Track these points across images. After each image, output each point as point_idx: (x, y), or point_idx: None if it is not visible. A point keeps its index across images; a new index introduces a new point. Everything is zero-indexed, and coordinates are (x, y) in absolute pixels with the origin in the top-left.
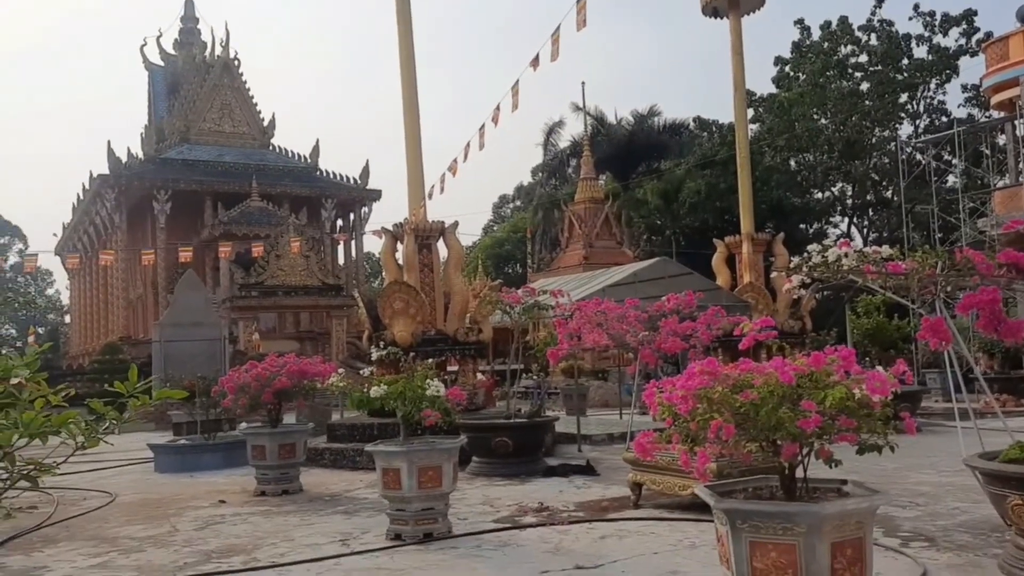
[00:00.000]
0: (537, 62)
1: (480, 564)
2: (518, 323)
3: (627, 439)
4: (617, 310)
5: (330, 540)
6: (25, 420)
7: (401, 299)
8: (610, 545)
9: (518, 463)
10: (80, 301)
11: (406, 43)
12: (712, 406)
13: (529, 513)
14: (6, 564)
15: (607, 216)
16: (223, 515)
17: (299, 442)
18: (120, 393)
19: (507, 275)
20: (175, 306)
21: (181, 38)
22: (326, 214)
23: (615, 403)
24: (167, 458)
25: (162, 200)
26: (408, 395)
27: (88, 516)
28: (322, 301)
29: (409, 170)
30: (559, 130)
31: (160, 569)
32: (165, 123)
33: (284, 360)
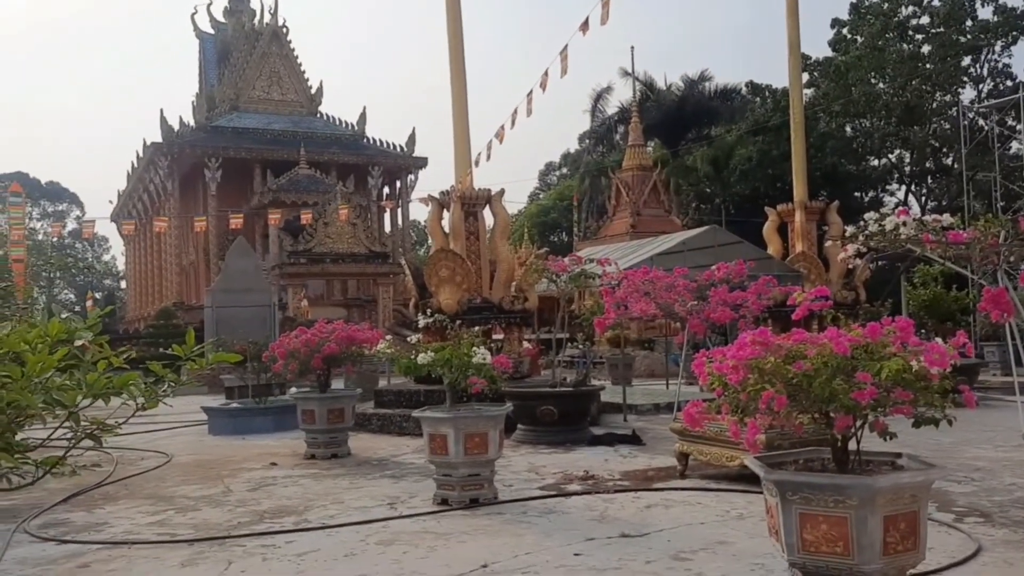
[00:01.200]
0: (587, 26)
1: (526, 530)
2: (564, 292)
3: (674, 409)
4: (665, 279)
5: (378, 503)
6: (89, 381)
7: (447, 267)
8: (656, 514)
9: (563, 431)
10: (135, 267)
11: (454, 9)
12: (764, 377)
13: (574, 481)
14: (70, 519)
15: (655, 183)
16: (274, 477)
17: (347, 407)
18: (175, 356)
19: (552, 243)
20: (226, 272)
21: (231, 5)
22: (373, 182)
23: (661, 373)
24: (220, 421)
25: (213, 168)
26: (455, 362)
27: (146, 475)
28: (369, 268)
29: (456, 137)
30: (607, 96)
31: (215, 527)
32: (215, 91)
33: (333, 326)
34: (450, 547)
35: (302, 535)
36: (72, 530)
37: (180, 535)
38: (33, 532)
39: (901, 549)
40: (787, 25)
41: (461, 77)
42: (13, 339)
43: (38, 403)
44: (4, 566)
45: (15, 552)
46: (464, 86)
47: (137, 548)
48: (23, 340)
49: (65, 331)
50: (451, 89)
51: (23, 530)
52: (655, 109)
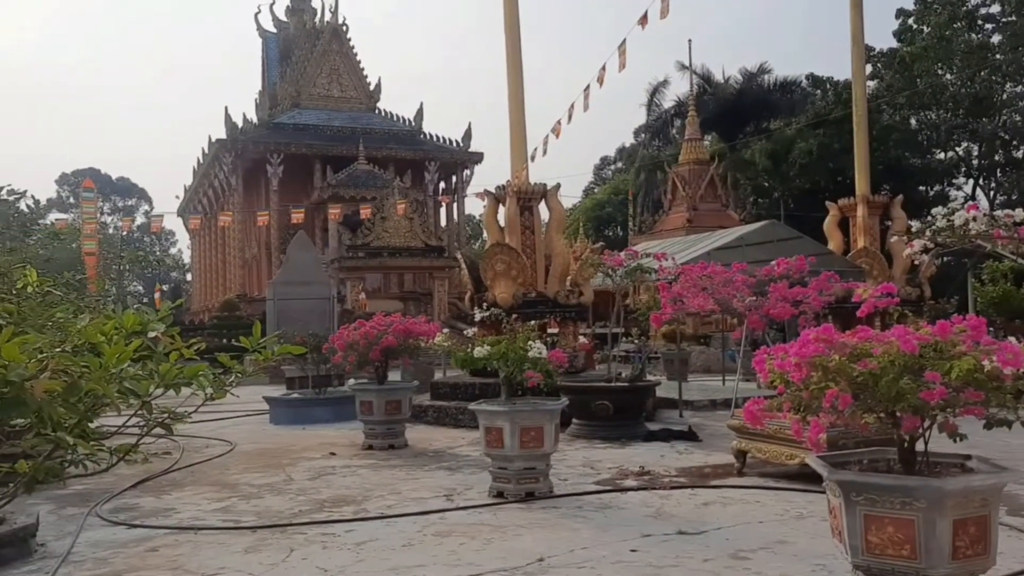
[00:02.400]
0: (646, 20)
1: (582, 524)
2: (620, 286)
3: (731, 406)
4: (724, 274)
5: (435, 495)
6: (162, 372)
7: (503, 261)
8: (713, 512)
9: (618, 427)
10: (200, 260)
11: (511, 5)
12: (828, 375)
13: (630, 476)
14: (139, 504)
15: (712, 178)
16: (334, 467)
17: (404, 399)
18: (240, 347)
19: (607, 237)
20: (287, 265)
21: (293, 4)
22: (429, 177)
23: (717, 369)
24: (281, 410)
25: (275, 163)
26: (511, 356)
27: (211, 463)
28: (425, 262)
29: (512, 132)
30: (663, 90)
31: (277, 515)
32: (278, 89)
33: (391, 319)
34: (506, 540)
35: (361, 524)
36: (141, 515)
37: (244, 522)
38: (105, 516)
39: (971, 554)
40: (851, 16)
41: (518, 72)
42: (91, 330)
43: (114, 392)
44: (78, 548)
45: (88, 535)
46: (521, 81)
47: (203, 534)
48: (100, 332)
49: (139, 323)
50: (508, 84)
51: (95, 514)
52: (712, 102)
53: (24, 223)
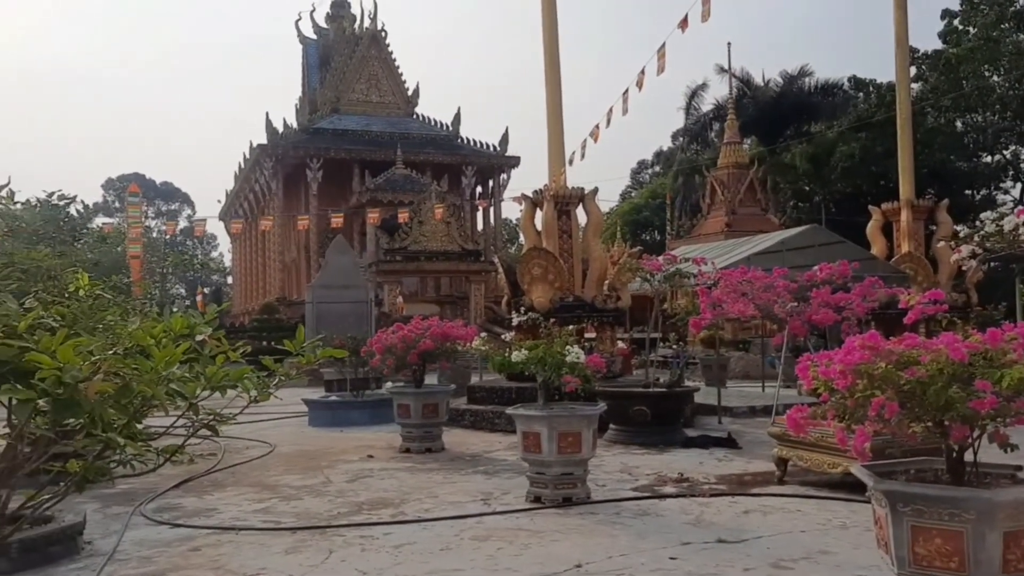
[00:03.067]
0: (686, 23)
1: (620, 531)
2: (658, 291)
3: (772, 413)
4: (764, 279)
5: (472, 499)
6: (209, 374)
7: (540, 265)
8: (754, 520)
9: (656, 432)
10: (241, 263)
11: (549, 8)
12: (873, 383)
13: (668, 483)
14: (182, 504)
15: (751, 182)
16: (371, 469)
17: (442, 402)
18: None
19: (645, 242)
20: (326, 269)
21: (332, 11)
22: (466, 181)
23: (756, 375)
24: (320, 413)
25: (314, 168)
26: (548, 360)
27: (251, 464)
28: (461, 266)
29: (550, 136)
30: (702, 93)
31: (316, 517)
32: (317, 94)
33: (428, 323)
34: (544, 545)
35: (399, 527)
36: (184, 515)
37: (284, 523)
38: (149, 515)
39: (1022, 568)
40: (894, 19)
41: (556, 76)
42: (140, 333)
43: (163, 394)
44: (123, 547)
45: (132, 534)
46: (559, 85)
47: (244, 534)
48: (150, 334)
49: (187, 326)
50: (545, 88)
51: (140, 513)
52: (752, 106)
53: (74, 227)
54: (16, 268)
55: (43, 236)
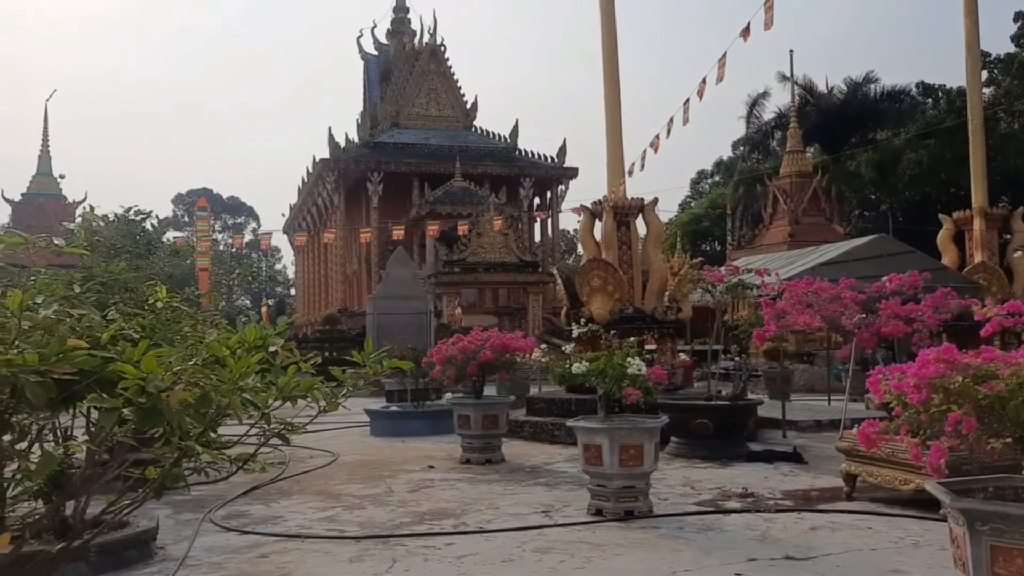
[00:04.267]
0: (748, 32)
1: (683, 546)
2: (720, 302)
3: (840, 427)
4: (831, 290)
5: (533, 510)
6: (281, 384)
7: (599, 276)
8: (822, 537)
9: (719, 446)
10: (304, 275)
11: (608, 20)
12: (949, 397)
13: (732, 498)
14: (249, 512)
15: (815, 190)
16: (432, 480)
17: (501, 413)
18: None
19: (704, 252)
20: (387, 281)
21: (393, 27)
22: (524, 192)
23: (821, 388)
24: (381, 423)
25: (375, 182)
26: (609, 372)
27: (315, 473)
28: (519, 277)
29: (609, 147)
30: (763, 101)
31: (380, 526)
32: (378, 109)
33: (488, 334)
34: (606, 559)
35: (461, 538)
36: (251, 522)
37: (348, 532)
38: (218, 522)
39: None
40: (965, 23)
41: (615, 87)
42: (216, 344)
43: (239, 403)
44: (194, 552)
45: (203, 540)
46: (618, 96)
47: (309, 542)
48: (225, 345)
49: (260, 337)
50: (604, 99)
51: (209, 520)
52: (815, 113)
53: (149, 241)
54: (96, 281)
55: (120, 250)
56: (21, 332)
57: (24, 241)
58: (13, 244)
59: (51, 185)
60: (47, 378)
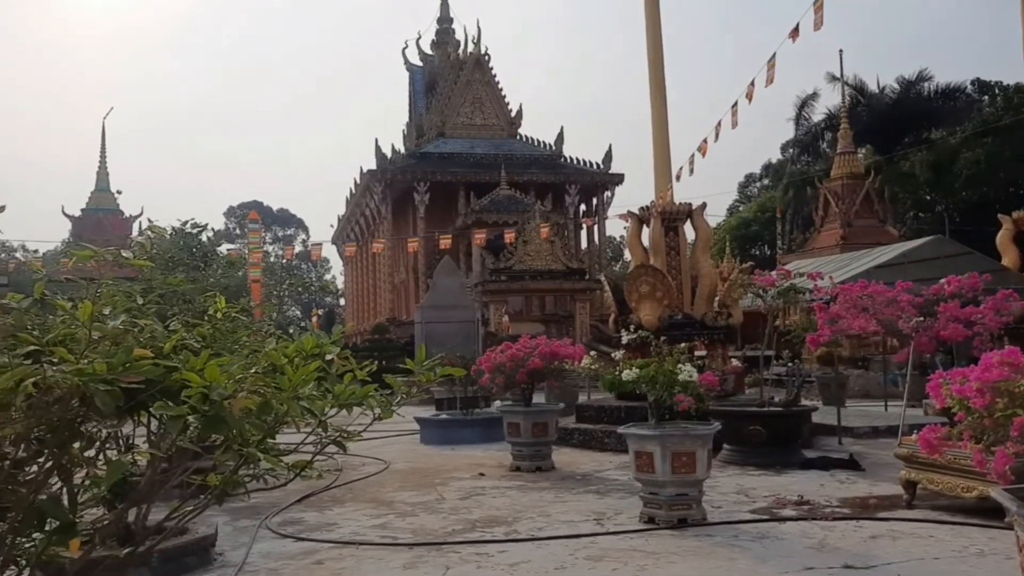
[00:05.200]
0: (797, 33)
1: (739, 555)
2: (772, 307)
3: (898, 433)
4: (887, 293)
5: (584, 518)
6: (337, 392)
7: (647, 282)
8: (882, 546)
9: (772, 453)
10: (353, 285)
11: (653, 25)
12: (1015, 401)
13: (788, 506)
14: (304, 519)
15: (867, 192)
16: (483, 487)
17: (551, 421)
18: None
19: (753, 257)
20: (434, 290)
21: (437, 38)
22: (570, 199)
23: (877, 394)
24: (431, 431)
25: (421, 191)
26: (660, 379)
27: (367, 480)
28: (566, 285)
29: (656, 152)
30: (812, 103)
31: (432, 533)
32: (423, 119)
33: (536, 342)
34: (660, 567)
35: (513, 545)
36: (306, 528)
37: (401, 539)
38: (274, 529)
39: None
40: (1022, 17)
41: (661, 91)
42: (274, 353)
43: (299, 411)
44: (251, 559)
45: (260, 546)
46: (664, 100)
47: (363, 549)
48: (283, 354)
49: (317, 346)
50: (651, 103)
51: (266, 526)
52: (866, 114)
53: (205, 254)
54: (156, 293)
55: (178, 262)
56: (91, 342)
57: (93, 254)
58: (83, 257)
59: (109, 200)
60: (115, 387)
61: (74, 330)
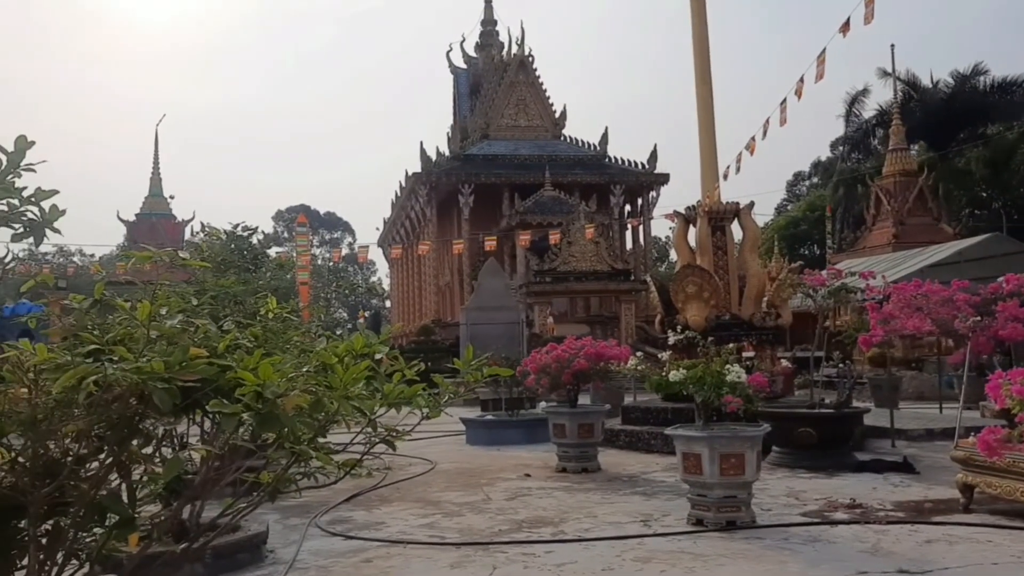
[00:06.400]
0: (848, 27)
1: (789, 558)
2: (822, 307)
3: (954, 436)
4: (942, 292)
5: (631, 519)
6: (386, 391)
7: (694, 283)
8: (938, 551)
9: (823, 456)
10: (398, 287)
11: (699, 20)
12: None
13: (840, 509)
14: (352, 517)
15: (921, 190)
16: (529, 488)
17: (597, 422)
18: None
19: (802, 256)
20: (479, 291)
21: (481, 40)
22: (614, 200)
23: (931, 395)
24: (477, 431)
25: (466, 193)
26: (708, 380)
27: (414, 480)
28: (611, 286)
29: (702, 151)
30: (863, 99)
31: (479, 533)
32: (468, 122)
33: (582, 343)
34: (709, 569)
35: (559, 546)
36: (355, 527)
37: (448, 538)
38: (323, 527)
39: None
40: None
41: (707, 89)
42: (325, 353)
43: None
44: (302, 556)
45: (309, 544)
46: (710, 98)
47: (411, 548)
48: (333, 353)
49: (367, 346)
50: (696, 102)
51: (315, 525)
52: (919, 109)
53: (255, 256)
54: (208, 295)
55: (229, 264)
56: (148, 342)
57: (151, 256)
58: (143, 259)
59: (162, 205)
60: (172, 385)
61: (132, 330)
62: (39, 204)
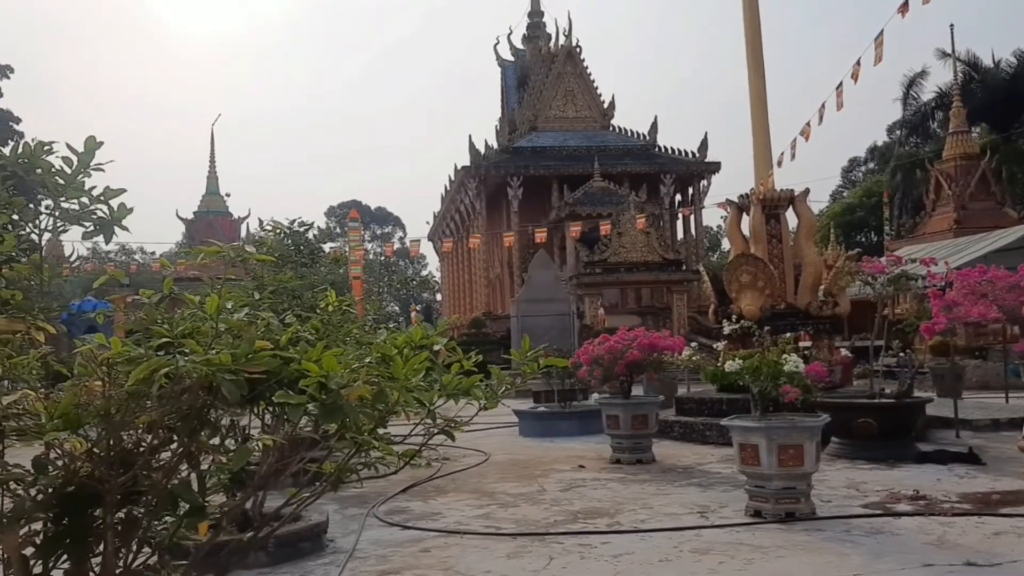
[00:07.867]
0: (906, 7)
1: (851, 550)
2: (881, 295)
3: (1021, 426)
4: (1008, 279)
5: (688, 511)
6: (445, 382)
7: (748, 272)
8: (1007, 543)
9: (884, 446)
10: (449, 280)
11: (751, 5)
12: None
13: (903, 501)
14: (409, 508)
15: (983, 173)
16: (583, 479)
17: (651, 413)
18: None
19: (859, 243)
20: (529, 284)
21: (528, 32)
22: (664, 190)
23: (996, 385)
24: (530, 423)
25: (515, 186)
26: (764, 370)
27: (468, 472)
28: (662, 276)
29: (755, 138)
30: (921, 81)
31: (535, 524)
32: (516, 114)
33: (635, 334)
34: (768, 561)
35: (615, 537)
36: (412, 517)
37: (504, 529)
38: (381, 517)
39: None
40: None
41: (760, 74)
42: (385, 345)
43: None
44: (361, 545)
45: (368, 534)
46: (763, 83)
47: (468, 538)
48: (393, 345)
49: (425, 337)
50: (749, 87)
51: (373, 515)
52: (980, 91)
53: (312, 251)
54: (268, 289)
55: (286, 259)
56: (216, 335)
57: (219, 251)
58: (210, 254)
59: (219, 203)
60: (240, 377)
61: (200, 324)
62: (108, 203)
